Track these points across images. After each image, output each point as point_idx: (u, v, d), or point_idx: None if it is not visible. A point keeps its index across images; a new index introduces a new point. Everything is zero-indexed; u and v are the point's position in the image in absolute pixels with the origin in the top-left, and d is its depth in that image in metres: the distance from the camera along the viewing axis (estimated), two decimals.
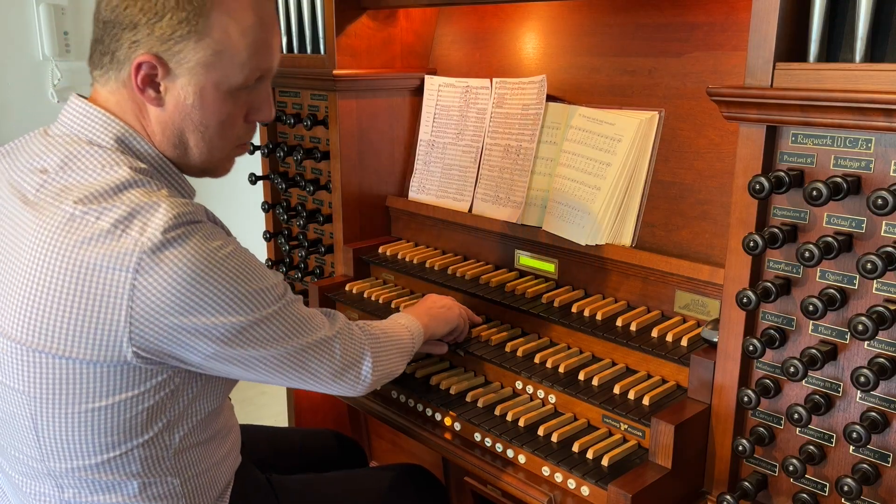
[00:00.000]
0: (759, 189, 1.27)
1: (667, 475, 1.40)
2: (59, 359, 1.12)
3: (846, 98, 1.17)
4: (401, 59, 2.31)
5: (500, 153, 2.08)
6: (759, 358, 1.37)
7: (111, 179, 1.14)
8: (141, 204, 1.12)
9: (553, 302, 1.83)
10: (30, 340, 1.12)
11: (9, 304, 1.13)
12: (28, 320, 1.12)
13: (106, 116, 1.22)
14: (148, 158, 1.25)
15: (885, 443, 1.26)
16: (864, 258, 1.15)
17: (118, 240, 1.09)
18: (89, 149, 1.20)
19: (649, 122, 1.77)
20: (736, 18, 1.66)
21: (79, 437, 1.17)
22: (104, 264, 1.08)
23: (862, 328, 1.17)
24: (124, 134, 1.23)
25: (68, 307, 1.10)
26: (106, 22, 1.19)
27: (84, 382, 1.14)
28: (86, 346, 1.11)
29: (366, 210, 2.32)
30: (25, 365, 1.14)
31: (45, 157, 1.20)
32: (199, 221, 1.16)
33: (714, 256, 1.66)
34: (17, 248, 1.14)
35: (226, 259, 1.16)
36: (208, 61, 1.20)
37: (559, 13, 2.02)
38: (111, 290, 1.09)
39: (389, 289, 2.17)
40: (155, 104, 1.22)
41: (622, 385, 1.58)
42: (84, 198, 1.12)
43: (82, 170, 1.17)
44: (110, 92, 1.24)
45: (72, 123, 1.24)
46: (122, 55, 1.19)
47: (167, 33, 1.16)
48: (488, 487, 1.90)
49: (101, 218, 1.10)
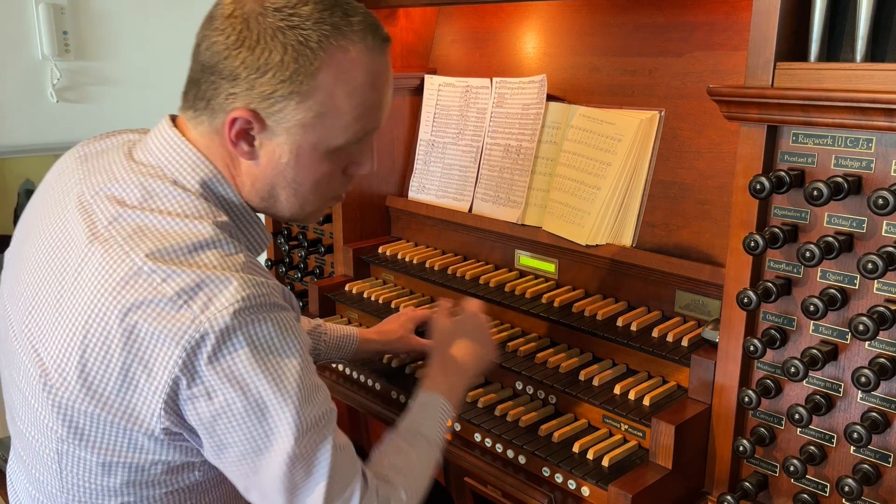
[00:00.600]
0: (759, 189, 1.27)
1: (667, 475, 1.40)
2: (95, 405, 1.06)
3: (847, 98, 1.17)
4: (401, 58, 2.31)
5: (500, 153, 2.07)
6: (759, 358, 1.37)
7: (189, 235, 1.06)
8: (211, 276, 1.02)
9: (553, 302, 1.82)
10: (68, 381, 1.06)
11: (54, 340, 1.07)
12: (70, 361, 1.05)
13: (197, 157, 1.14)
14: (231, 207, 1.17)
15: (886, 443, 1.26)
16: (865, 258, 1.15)
17: (178, 311, 1.00)
18: (173, 190, 1.11)
19: (649, 121, 1.77)
20: (736, 18, 1.66)
21: (99, 481, 1.13)
22: (157, 333, 1.01)
23: (862, 328, 1.17)
24: (211, 179, 1.14)
25: (113, 362, 1.03)
26: (205, 66, 1.10)
27: (114, 436, 1.08)
28: (122, 403, 1.05)
29: (366, 210, 2.31)
30: (58, 404, 1.08)
31: (125, 188, 1.12)
32: (268, 306, 1.05)
33: (714, 256, 1.65)
34: (74, 286, 1.07)
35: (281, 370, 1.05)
36: (308, 122, 1.10)
37: (559, 13, 2.02)
38: (157, 362, 1.02)
39: (389, 289, 2.17)
40: (247, 157, 1.14)
41: (622, 385, 1.58)
42: (156, 252, 1.04)
43: (161, 212, 1.08)
44: (201, 134, 1.15)
45: (160, 154, 1.15)
46: (218, 104, 1.10)
47: (267, 91, 1.07)
48: (488, 488, 1.90)
49: (166, 281, 1.01)
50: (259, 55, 1.06)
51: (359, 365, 1.92)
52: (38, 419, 1.13)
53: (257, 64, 1.06)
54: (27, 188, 2.90)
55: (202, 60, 1.11)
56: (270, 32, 1.05)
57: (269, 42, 1.05)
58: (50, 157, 2.90)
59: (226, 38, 1.07)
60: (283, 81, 1.07)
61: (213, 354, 1.01)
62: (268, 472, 1.08)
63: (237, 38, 1.06)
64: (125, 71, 3.05)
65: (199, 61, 1.12)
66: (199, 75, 1.12)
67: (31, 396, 1.13)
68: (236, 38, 1.06)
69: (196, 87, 1.13)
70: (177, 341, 1.00)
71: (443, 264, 2.11)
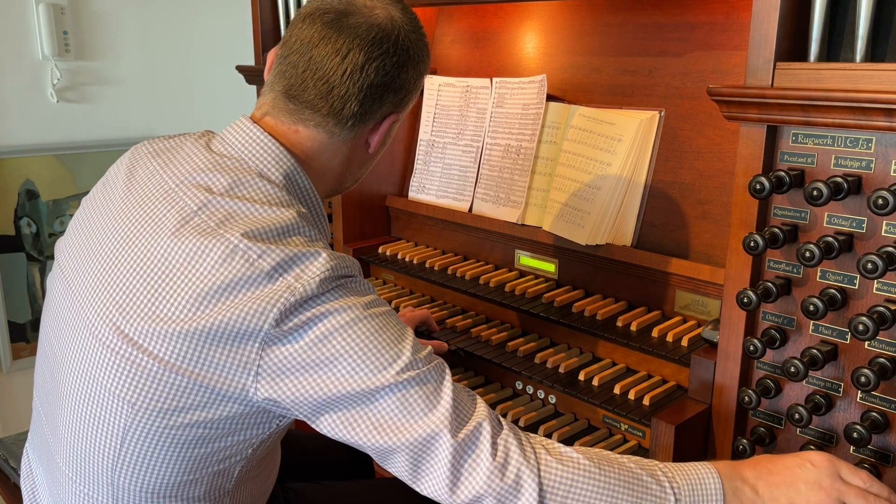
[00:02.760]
0: (759, 189, 1.27)
1: None
2: (184, 376, 1.09)
3: (847, 98, 1.17)
4: None
5: (500, 153, 2.07)
6: (759, 358, 1.37)
7: (279, 220, 1.13)
8: (301, 251, 1.10)
9: (553, 302, 1.82)
10: (164, 354, 1.08)
11: (151, 320, 1.10)
12: (169, 337, 1.08)
13: (281, 151, 1.22)
14: (308, 199, 1.27)
15: (886, 443, 1.26)
16: (865, 258, 1.15)
17: (274, 283, 1.07)
18: (259, 181, 1.18)
19: (649, 121, 1.77)
20: (736, 18, 1.66)
21: (161, 454, 1.15)
22: (254, 305, 1.06)
23: (862, 328, 1.17)
24: (293, 172, 1.23)
25: (211, 336, 1.07)
26: (372, 86, 1.22)
27: (192, 404, 1.11)
28: (215, 374, 1.08)
29: (366, 210, 2.32)
30: (145, 375, 1.10)
31: (210, 176, 1.17)
32: (354, 276, 1.15)
33: (714, 256, 1.65)
34: (173, 271, 1.10)
35: (375, 318, 1.11)
36: (402, 107, 1.31)
37: (559, 13, 2.02)
38: (253, 328, 1.06)
39: (389, 289, 2.17)
40: (374, 148, 1.32)
41: (622, 385, 1.58)
42: (250, 232, 1.09)
43: (249, 200, 1.14)
44: (334, 141, 1.26)
45: (242, 147, 1.22)
46: (374, 113, 1.25)
47: (412, 97, 1.30)
48: None
49: (262, 257, 1.08)
50: (416, 68, 1.26)
51: None
52: (110, 395, 1.13)
53: (415, 76, 1.27)
54: (27, 188, 2.90)
55: (371, 83, 1.22)
56: (417, 48, 1.26)
57: (419, 57, 1.26)
58: (50, 157, 2.90)
59: (395, 61, 1.23)
60: (419, 87, 1.31)
61: (308, 312, 1.07)
62: (378, 411, 1.08)
63: (405, 56, 1.24)
64: (125, 71, 3.05)
65: (362, 83, 1.22)
66: (352, 93, 1.22)
67: (102, 378, 1.14)
68: (405, 56, 1.24)
69: (344, 103, 1.22)
70: (272, 306, 1.05)
71: (443, 264, 2.11)
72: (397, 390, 1.07)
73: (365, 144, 1.30)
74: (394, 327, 1.12)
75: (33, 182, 2.90)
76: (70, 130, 2.94)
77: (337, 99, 1.21)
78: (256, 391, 1.09)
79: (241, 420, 1.14)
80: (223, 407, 1.11)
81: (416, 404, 1.08)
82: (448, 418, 1.07)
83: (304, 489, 1.63)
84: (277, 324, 1.06)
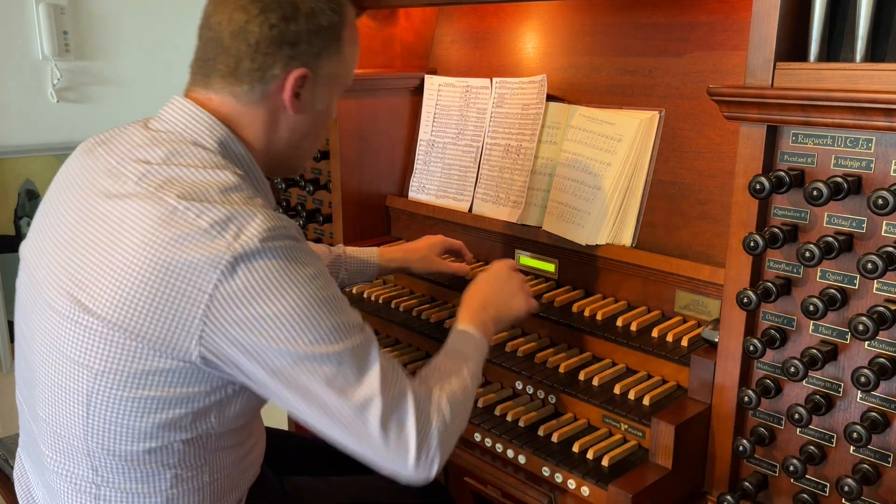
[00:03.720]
0: (759, 189, 1.27)
1: (667, 475, 1.40)
2: (132, 339, 1.14)
3: (846, 98, 1.17)
4: (401, 58, 2.31)
5: (500, 153, 2.07)
6: (759, 358, 1.37)
7: (215, 180, 1.18)
8: (240, 210, 1.14)
9: (553, 302, 1.82)
10: (112, 317, 1.14)
11: (100, 285, 1.15)
12: (115, 300, 1.14)
13: (212, 120, 1.27)
14: (245, 165, 1.30)
15: (886, 443, 1.26)
16: (865, 258, 1.15)
17: (213, 241, 1.11)
18: (195, 149, 1.23)
19: (649, 121, 1.77)
20: (736, 18, 1.66)
21: (127, 421, 1.19)
22: (195, 263, 1.11)
23: (862, 328, 1.17)
24: (227, 139, 1.27)
25: (154, 295, 1.12)
26: (260, 41, 1.24)
27: (148, 368, 1.16)
28: (161, 333, 1.13)
29: (366, 210, 2.31)
30: (99, 340, 1.16)
31: (148, 150, 1.23)
32: (293, 238, 1.18)
33: (714, 256, 1.65)
34: (118, 235, 1.16)
35: (311, 281, 1.16)
36: (338, 72, 1.34)
37: (559, 13, 2.02)
38: (195, 287, 1.11)
39: (389, 288, 2.17)
40: (297, 111, 1.31)
41: (622, 385, 1.58)
42: (187, 194, 1.15)
43: (186, 166, 1.20)
44: (229, 103, 1.29)
45: (176, 122, 1.28)
46: (274, 71, 1.26)
47: (316, 50, 1.28)
48: (488, 488, 1.90)
49: (200, 216, 1.13)
50: (311, 21, 1.26)
51: None
52: (73, 363, 1.19)
53: (312, 28, 1.26)
54: (27, 188, 2.89)
55: (256, 38, 1.24)
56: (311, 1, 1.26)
57: (314, 10, 1.26)
58: (50, 158, 2.90)
59: (279, 14, 1.24)
60: (329, 39, 1.29)
61: (247, 275, 1.11)
62: (312, 378, 1.15)
63: (292, 10, 1.24)
64: (125, 71, 3.05)
65: (245, 41, 1.25)
66: (250, 51, 1.25)
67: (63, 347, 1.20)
68: (291, 10, 1.24)
69: (238, 62, 1.26)
70: (213, 266, 1.10)
71: None
72: (332, 359, 1.15)
73: (284, 107, 1.30)
74: (332, 295, 1.18)
75: (33, 182, 2.90)
76: (70, 130, 2.94)
77: (231, 58, 1.26)
78: (201, 348, 1.14)
79: (190, 379, 1.17)
80: (171, 364, 1.15)
81: (349, 373, 1.16)
82: (379, 385, 1.18)
83: (303, 482, 1.64)
84: (220, 281, 1.10)
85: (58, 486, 1.29)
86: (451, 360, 1.38)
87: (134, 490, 1.25)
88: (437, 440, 1.22)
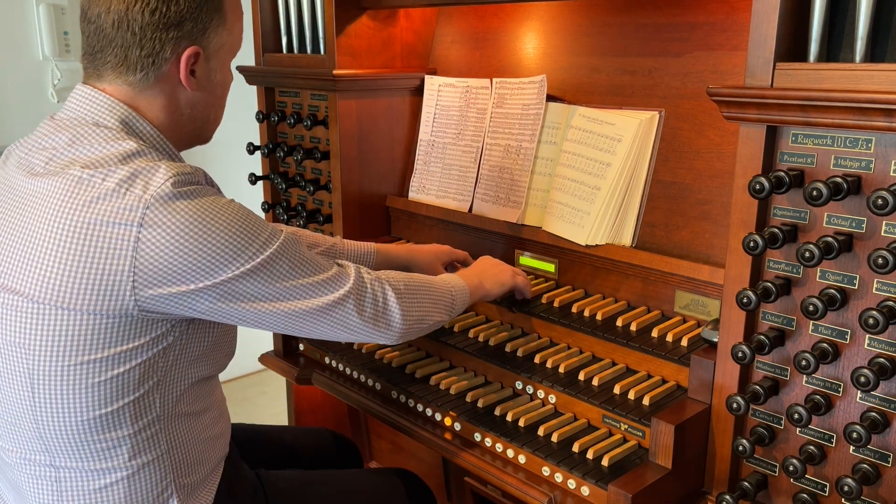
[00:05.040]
0: (759, 189, 1.27)
1: (667, 475, 1.40)
2: (62, 310, 1.17)
3: (846, 98, 1.17)
4: (401, 59, 2.31)
5: (500, 153, 2.08)
6: (748, 364, 1.37)
7: (117, 149, 1.22)
8: (143, 166, 1.20)
9: (553, 302, 1.83)
10: (36, 293, 1.18)
11: (20, 265, 1.19)
12: (37, 275, 1.17)
13: (111, 101, 1.30)
14: (150, 139, 1.33)
15: (886, 443, 1.26)
16: (876, 253, 1.14)
17: (122, 197, 1.16)
18: (96, 129, 1.27)
19: (649, 122, 1.77)
20: (736, 18, 1.66)
21: (72, 391, 1.21)
22: (110, 220, 1.15)
23: (873, 322, 1.16)
24: (128, 116, 1.30)
25: (76, 261, 1.16)
26: (144, 28, 1.26)
27: (83, 333, 1.19)
28: (90, 296, 1.17)
29: (366, 210, 2.32)
30: (30, 318, 1.19)
31: (53, 138, 1.27)
32: (199, 183, 1.25)
33: (714, 256, 1.65)
34: (29, 215, 1.20)
35: (226, 208, 1.23)
36: (225, 42, 1.36)
37: (559, 13, 2.02)
38: (117, 243, 1.15)
39: None
40: (195, 88, 1.34)
41: (622, 385, 1.58)
42: (91, 163, 1.20)
43: (89, 145, 1.24)
44: (140, 90, 1.31)
45: (77, 108, 1.31)
46: (165, 54, 1.28)
47: (202, 26, 1.30)
48: (488, 487, 1.90)
49: (106, 179, 1.18)
50: None
51: (358, 365, 1.92)
52: (10, 345, 1.22)
53: (193, 5, 1.28)
54: None
55: (141, 24, 1.26)
56: None
57: None
58: None
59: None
60: (212, 13, 1.31)
61: (166, 219, 1.17)
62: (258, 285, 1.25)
63: None
64: None
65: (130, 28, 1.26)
66: (135, 38, 1.27)
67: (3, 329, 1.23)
68: None
69: (126, 52, 1.28)
70: (129, 219, 1.16)
71: None
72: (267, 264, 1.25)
73: (181, 86, 1.33)
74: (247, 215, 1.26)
75: None
76: None
77: (119, 49, 1.28)
78: (136, 298, 1.18)
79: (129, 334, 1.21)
80: (107, 322, 1.19)
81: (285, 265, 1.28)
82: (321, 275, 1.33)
83: (278, 475, 1.66)
84: (140, 232, 1.15)
85: (20, 480, 1.30)
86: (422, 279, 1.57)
87: (92, 468, 1.27)
88: (383, 292, 1.43)
